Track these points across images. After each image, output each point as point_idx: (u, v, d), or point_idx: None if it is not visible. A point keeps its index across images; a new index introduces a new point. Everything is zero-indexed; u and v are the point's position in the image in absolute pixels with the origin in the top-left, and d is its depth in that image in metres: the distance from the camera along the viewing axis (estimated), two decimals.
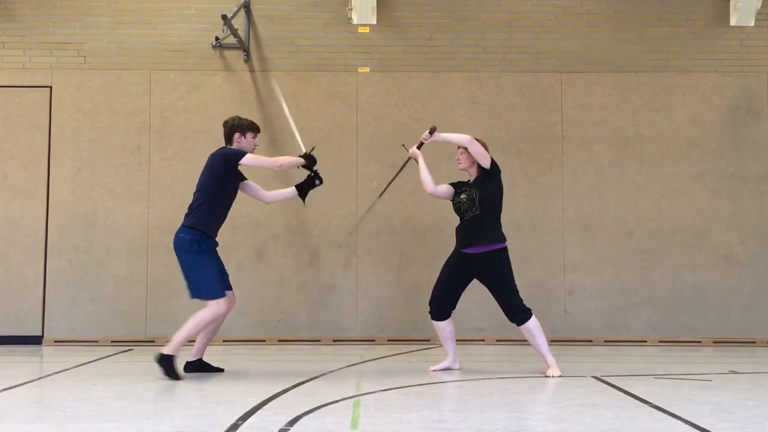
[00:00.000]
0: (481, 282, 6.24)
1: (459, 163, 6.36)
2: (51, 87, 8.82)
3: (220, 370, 6.22)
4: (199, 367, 6.17)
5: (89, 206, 8.70)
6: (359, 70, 8.95)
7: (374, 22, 8.89)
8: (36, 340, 8.53)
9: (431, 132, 6.22)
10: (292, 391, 5.24)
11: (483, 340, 8.58)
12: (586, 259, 8.78)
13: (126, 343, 8.38)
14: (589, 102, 8.93)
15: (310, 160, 6.20)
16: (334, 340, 8.64)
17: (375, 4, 8.81)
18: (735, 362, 7.14)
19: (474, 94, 8.93)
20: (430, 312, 6.38)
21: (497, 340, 8.57)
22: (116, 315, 8.60)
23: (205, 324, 5.93)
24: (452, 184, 6.44)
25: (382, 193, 7.01)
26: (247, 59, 8.90)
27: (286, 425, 4.05)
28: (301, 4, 9.00)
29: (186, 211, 6.13)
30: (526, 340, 6.33)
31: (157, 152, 8.78)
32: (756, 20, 8.90)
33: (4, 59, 8.85)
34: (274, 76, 8.21)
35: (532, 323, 6.07)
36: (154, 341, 8.28)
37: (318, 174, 6.26)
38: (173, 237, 6.04)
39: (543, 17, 9.03)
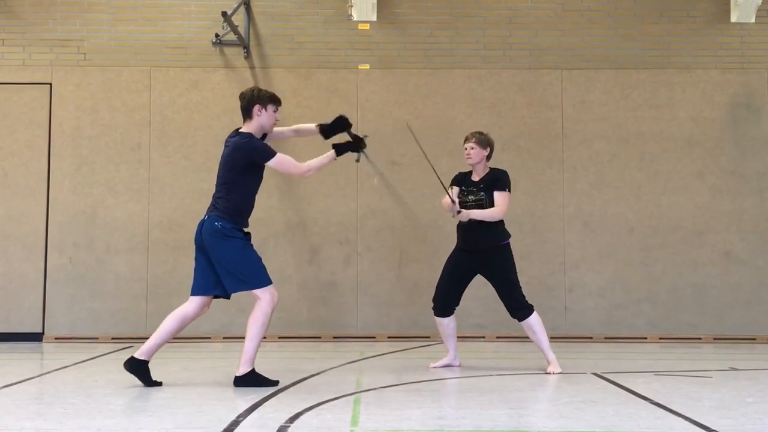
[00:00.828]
0: (484, 277, 6.23)
1: (469, 158, 6.30)
2: (51, 84, 8.82)
3: (158, 383, 5.36)
4: (140, 368, 5.33)
5: (89, 203, 8.70)
6: (359, 67, 8.94)
7: (374, 18, 8.88)
8: (36, 337, 8.54)
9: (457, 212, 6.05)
10: (293, 388, 5.24)
11: (483, 337, 8.59)
12: (587, 256, 8.78)
13: (126, 341, 8.37)
14: (589, 99, 8.92)
15: (356, 142, 5.71)
16: (334, 337, 8.64)
17: (375, 1, 8.80)
18: (735, 359, 7.15)
19: (474, 90, 8.92)
20: (433, 308, 6.37)
21: (497, 337, 8.57)
22: (116, 312, 8.60)
23: (269, 320, 5.36)
24: (457, 181, 6.37)
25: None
26: (247, 56, 8.89)
27: (286, 422, 4.05)
28: (301, 1, 9.00)
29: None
30: (526, 337, 6.33)
31: (157, 149, 8.78)
32: (756, 17, 8.89)
33: (4, 56, 8.84)
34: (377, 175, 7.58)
35: (533, 319, 6.07)
36: None
37: (361, 149, 5.72)
38: (199, 230, 5.43)
39: (543, 14, 9.03)
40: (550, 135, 8.86)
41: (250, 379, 5.30)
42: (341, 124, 5.80)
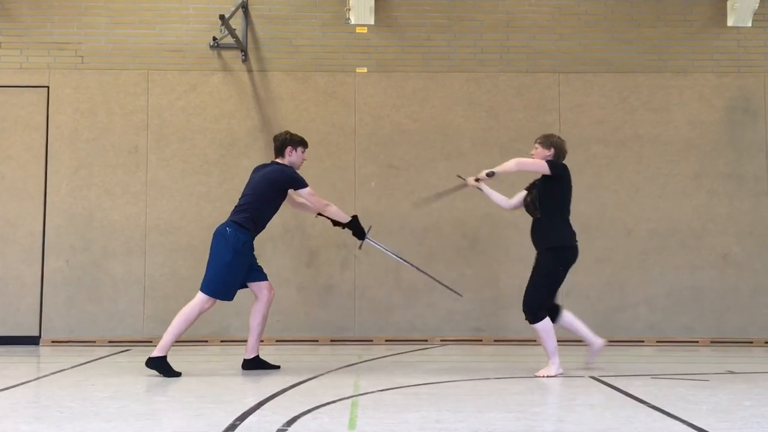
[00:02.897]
0: None
1: (533, 157, 6.36)
2: (48, 87, 8.81)
3: (276, 367, 6.39)
4: (257, 364, 6.36)
5: (87, 206, 8.69)
6: (357, 71, 8.95)
7: (372, 22, 8.89)
8: (33, 341, 8.53)
9: (489, 175, 6.22)
10: (290, 391, 5.24)
11: (481, 340, 8.59)
12: (584, 260, 8.71)
13: (123, 344, 8.37)
14: (586, 102, 8.94)
15: (354, 227, 6.48)
16: (332, 340, 8.64)
17: (373, 4, 8.81)
18: (732, 362, 7.15)
19: (472, 94, 8.93)
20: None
21: (495, 341, 8.57)
22: (114, 315, 8.59)
23: (192, 319, 6.01)
24: (527, 187, 6.48)
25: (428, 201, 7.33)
26: (245, 59, 8.90)
27: (283, 425, 4.05)
28: (299, 5, 9.00)
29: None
30: (524, 341, 6.32)
31: (155, 152, 8.77)
32: (753, 21, 8.91)
33: (2, 59, 8.84)
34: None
35: (541, 326, 6.06)
36: (151, 341, 8.26)
37: (362, 235, 6.49)
38: (216, 229, 6.19)
39: (541, 18, 9.04)
40: None
41: (159, 365, 5.90)
42: (355, 229, 6.53)
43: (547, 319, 6.09)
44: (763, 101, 8.93)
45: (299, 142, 6.45)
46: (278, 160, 6.42)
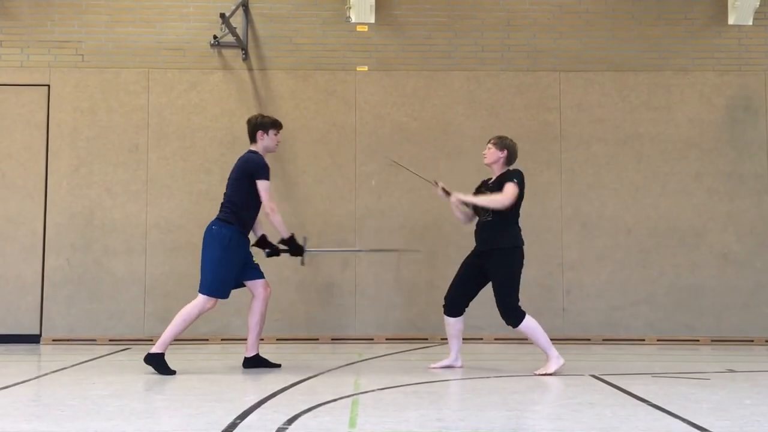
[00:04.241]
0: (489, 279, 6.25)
1: (484, 158, 6.38)
2: (49, 85, 8.81)
3: (276, 365, 6.38)
4: (257, 362, 6.35)
5: (87, 205, 8.69)
6: (358, 69, 8.95)
7: (373, 20, 8.88)
8: (34, 339, 8.53)
9: (447, 194, 6.30)
10: (291, 389, 5.24)
11: (481, 339, 8.59)
12: (584, 258, 8.79)
13: (124, 342, 8.37)
14: (587, 101, 8.93)
15: (291, 244, 6.38)
16: (332, 339, 8.64)
17: (373, 2, 8.80)
18: (733, 361, 7.15)
19: (472, 92, 8.93)
20: (444, 306, 6.40)
21: (495, 339, 8.57)
22: (114, 314, 8.59)
23: (192, 319, 6.02)
24: (477, 188, 6.48)
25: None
26: (246, 58, 8.89)
27: (284, 424, 4.05)
28: (299, 3, 9.00)
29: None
30: (524, 339, 6.33)
31: (155, 151, 8.77)
32: (754, 19, 8.89)
33: (2, 57, 8.83)
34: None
35: (523, 327, 6.06)
36: (152, 340, 8.26)
37: (301, 251, 6.45)
38: (204, 230, 6.23)
39: (541, 16, 9.04)
40: (548, 137, 8.87)
41: (155, 361, 5.94)
42: (292, 247, 6.47)
43: (528, 317, 6.09)
44: (763, 100, 8.93)
45: (270, 125, 6.31)
46: (252, 147, 6.32)
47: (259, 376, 6.02)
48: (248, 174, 6.14)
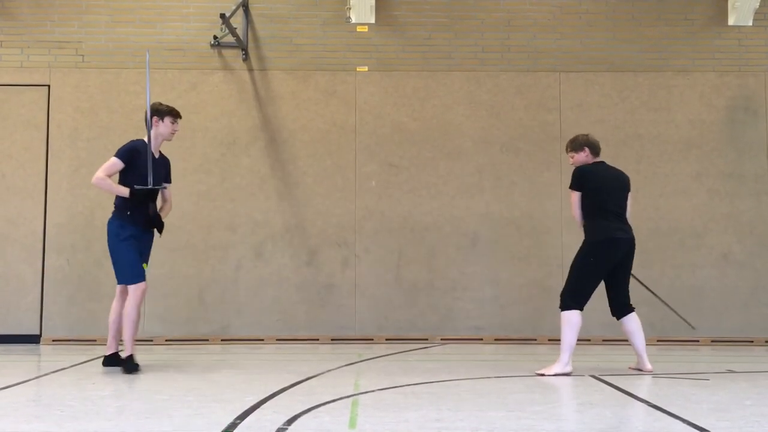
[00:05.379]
0: None
1: (574, 165, 6.59)
2: (49, 86, 8.81)
3: (135, 366, 6.11)
4: (114, 361, 6.26)
5: (87, 205, 8.69)
6: (358, 69, 8.95)
7: (373, 21, 8.89)
8: (34, 339, 8.53)
9: None
10: (291, 390, 5.23)
11: (481, 339, 8.59)
12: None
13: (123, 342, 8.35)
14: (587, 101, 8.93)
15: (135, 197, 6.11)
16: (332, 339, 8.64)
17: (373, 3, 8.81)
18: (733, 361, 7.15)
19: (472, 93, 8.93)
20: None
21: (495, 339, 8.57)
22: None
23: (136, 316, 6.09)
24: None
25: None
26: (246, 58, 8.89)
27: (284, 424, 4.05)
28: (299, 3, 9.00)
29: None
30: (524, 340, 6.32)
31: None
32: (754, 20, 8.90)
33: (2, 58, 8.83)
34: None
35: (564, 315, 6.17)
36: (151, 340, 8.28)
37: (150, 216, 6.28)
38: (152, 234, 6.39)
39: (541, 16, 9.04)
40: (548, 137, 8.87)
41: (115, 362, 6.16)
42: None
43: (572, 313, 6.13)
44: (763, 100, 8.93)
45: (166, 112, 6.27)
46: (146, 137, 6.27)
47: (259, 376, 6.02)
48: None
